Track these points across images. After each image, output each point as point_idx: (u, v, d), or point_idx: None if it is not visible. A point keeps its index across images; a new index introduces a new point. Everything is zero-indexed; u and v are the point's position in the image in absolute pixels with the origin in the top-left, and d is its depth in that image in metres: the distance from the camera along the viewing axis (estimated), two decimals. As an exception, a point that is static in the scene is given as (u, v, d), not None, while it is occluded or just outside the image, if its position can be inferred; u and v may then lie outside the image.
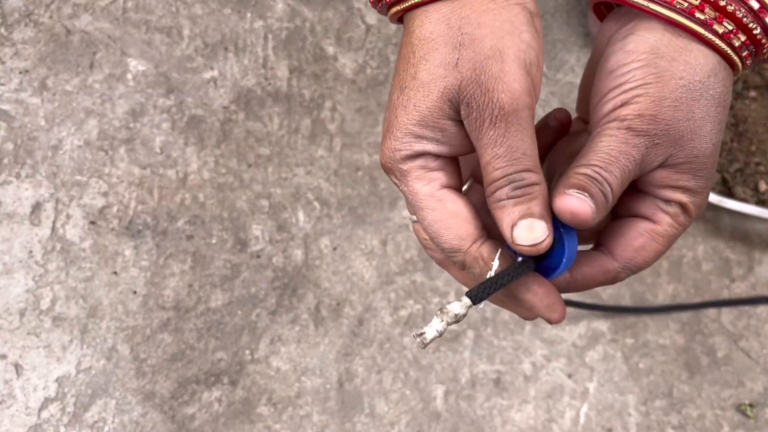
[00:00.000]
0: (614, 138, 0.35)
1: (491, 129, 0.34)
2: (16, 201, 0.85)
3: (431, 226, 0.36)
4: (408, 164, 0.36)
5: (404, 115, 0.35)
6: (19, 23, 0.91)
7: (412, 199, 0.37)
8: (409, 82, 0.35)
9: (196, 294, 0.84)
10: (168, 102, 0.90)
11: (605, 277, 0.39)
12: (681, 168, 0.36)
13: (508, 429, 0.83)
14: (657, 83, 0.35)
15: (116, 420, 0.80)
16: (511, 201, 0.35)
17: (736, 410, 0.85)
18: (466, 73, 0.34)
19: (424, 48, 0.35)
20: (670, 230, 0.38)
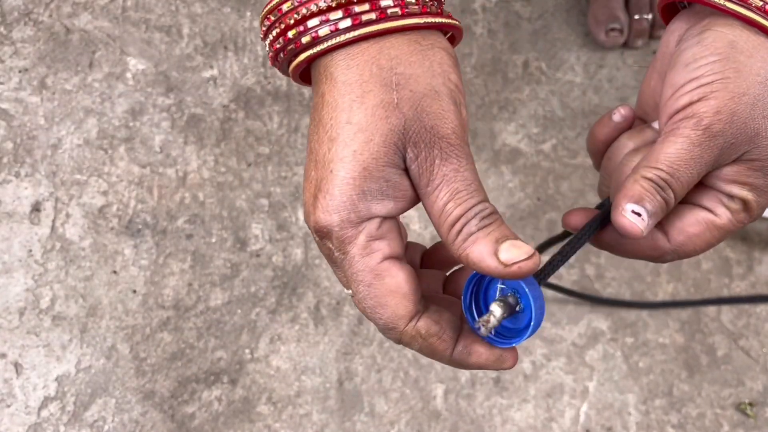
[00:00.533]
0: (688, 140, 0.35)
1: (444, 166, 0.32)
2: (15, 200, 0.85)
3: (365, 301, 0.34)
4: (350, 231, 0.33)
5: (342, 168, 0.32)
6: (19, 22, 0.91)
7: (348, 271, 0.33)
8: (342, 129, 0.32)
9: (196, 293, 0.84)
10: (167, 101, 0.90)
11: (653, 253, 0.38)
12: (753, 165, 0.36)
13: (507, 428, 0.83)
14: (736, 78, 0.35)
15: (116, 419, 0.80)
16: (483, 231, 0.32)
17: (736, 409, 0.85)
18: (408, 113, 0.32)
19: (354, 91, 0.32)
20: (728, 225, 0.37)
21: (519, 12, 0.96)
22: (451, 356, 0.35)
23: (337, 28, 0.33)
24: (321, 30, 0.33)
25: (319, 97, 0.34)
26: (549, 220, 0.88)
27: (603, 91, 0.93)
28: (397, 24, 0.33)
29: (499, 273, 0.32)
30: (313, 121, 0.34)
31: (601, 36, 0.92)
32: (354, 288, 0.34)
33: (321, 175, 0.33)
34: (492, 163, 0.90)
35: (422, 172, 0.33)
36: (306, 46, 0.34)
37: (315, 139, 0.33)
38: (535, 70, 0.94)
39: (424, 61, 0.33)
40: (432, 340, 0.34)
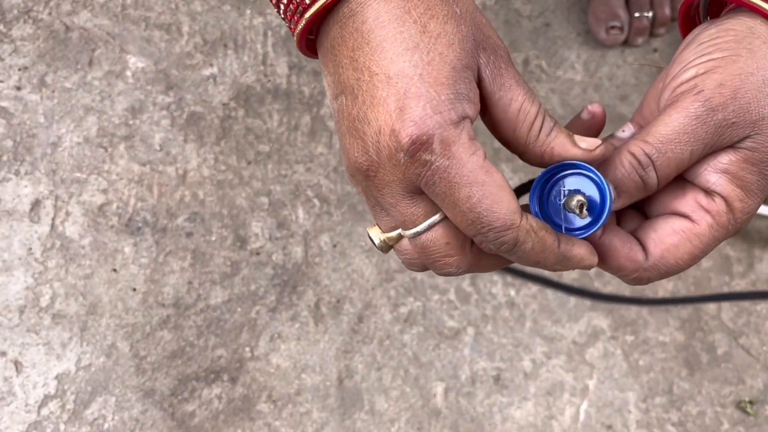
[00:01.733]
0: (684, 112, 0.33)
1: (508, 70, 0.33)
2: (15, 198, 0.85)
3: (480, 203, 0.31)
4: (453, 131, 0.31)
5: (432, 70, 0.31)
6: (18, 20, 0.91)
7: (455, 176, 0.31)
8: (419, 39, 0.31)
9: (196, 291, 0.84)
10: (167, 99, 0.90)
11: (630, 265, 0.35)
12: (751, 156, 0.33)
13: (508, 426, 0.83)
14: (748, 57, 0.32)
15: (116, 417, 0.80)
16: (557, 127, 0.34)
17: (736, 407, 0.85)
18: (470, 23, 0.32)
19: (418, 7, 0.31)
20: (708, 231, 0.34)
21: (519, 10, 0.96)
22: (558, 249, 0.34)
23: None
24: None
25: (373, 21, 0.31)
26: (549, 218, 0.88)
27: (603, 89, 0.93)
28: None
29: (586, 157, 0.33)
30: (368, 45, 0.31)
31: (602, 34, 0.92)
32: (465, 193, 0.31)
33: (405, 84, 0.31)
34: (492, 161, 0.90)
35: (495, 77, 0.33)
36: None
37: (380, 58, 0.31)
38: (536, 68, 0.94)
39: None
40: (542, 233, 0.33)
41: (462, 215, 0.32)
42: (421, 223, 0.33)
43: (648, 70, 0.94)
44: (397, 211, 0.33)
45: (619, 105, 0.92)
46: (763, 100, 0.32)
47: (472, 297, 0.86)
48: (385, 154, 0.31)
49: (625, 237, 0.35)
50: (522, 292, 0.86)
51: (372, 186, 0.33)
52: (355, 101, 0.32)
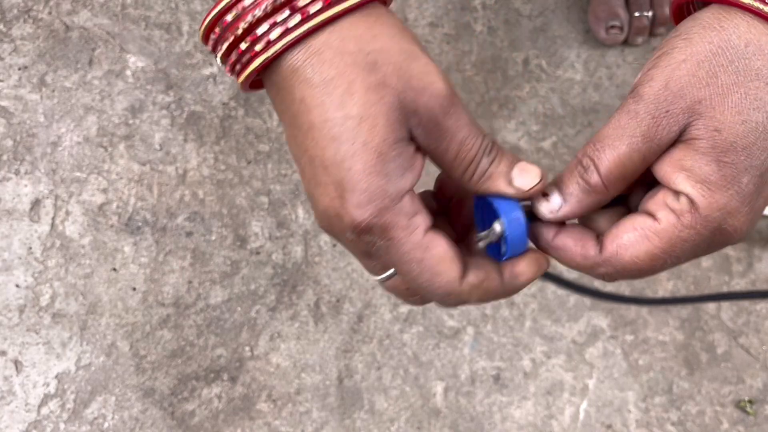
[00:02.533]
0: (619, 111, 0.33)
1: (446, 120, 0.33)
2: (15, 197, 0.85)
3: (420, 277, 0.34)
4: (389, 217, 0.32)
5: (359, 161, 0.32)
6: (18, 19, 0.91)
7: (395, 255, 0.33)
8: (342, 126, 0.32)
9: (196, 290, 0.84)
10: (167, 98, 0.90)
11: (583, 261, 0.35)
12: (699, 146, 0.31)
13: (507, 425, 0.83)
14: (684, 47, 0.32)
15: (116, 416, 0.80)
16: (494, 165, 0.34)
17: (736, 407, 0.85)
18: (398, 85, 0.32)
19: (339, 86, 0.32)
20: (671, 230, 0.32)
21: (519, 9, 0.96)
22: (504, 288, 0.36)
23: (287, 27, 0.32)
24: (272, 33, 0.32)
25: (298, 103, 0.33)
26: (549, 218, 0.88)
27: (603, 88, 0.93)
28: (346, 5, 0.32)
29: (519, 196, 0.34)
30: (300, 128, 0.33)
31: (602, 33, 0.92)
32: (405, 269, 0.34)
33: (339, 176, 0.32)
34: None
35: (429, 134, 0.33)
36: (260, 52, 0.32)
37: (312, 145, 0.33)
38: (535, 68, 0.94)
39: (384, 30, 0.33)
40: (485, 284, 0.35)
41: (408, 282, 0.35)
42: (380, 275, 0.36)
43: (648, 70, 0.94)
44: (362, 263, 0.36)
45: (619, 104, 0.92)
46: (697, 84, 0.31)
47: (471, 296, 0.86)
48: (335, 230, 0.34)
49: (580, 234, 0.35)
50: (521, 292, 0.86)
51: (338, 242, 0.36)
52: (304, 174, 0.34)
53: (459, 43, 0.93)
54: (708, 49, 0.31)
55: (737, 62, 0.31)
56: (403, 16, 0.94)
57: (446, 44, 0.93)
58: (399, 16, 0.94)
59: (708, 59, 0.31)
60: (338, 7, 0.32)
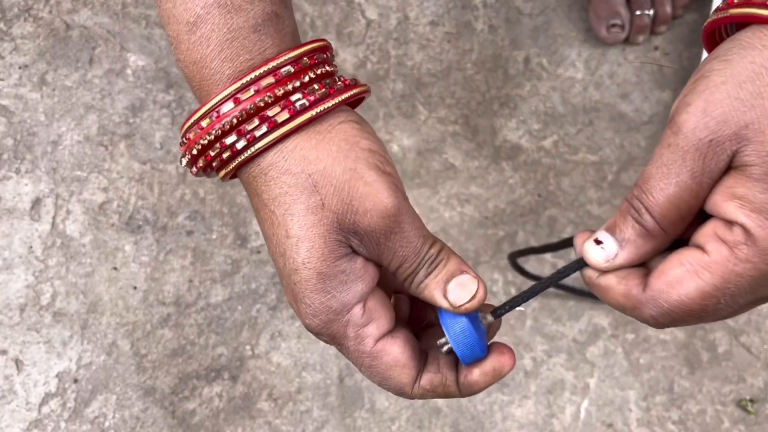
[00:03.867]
0: (659, 146, 0.30)
1: (389, 240, 0.34)
2: (16, 196, 0.85)
3: (372, 377, 0.36)
4: (336, 328, 0.35)
5: (300, 278, 0.34)
6: (19, 18, 0.91)
7: (349, 357, 0.36)
8: (285, 245, 0.34)
9: (197, 289, 0.84)
10: (168, 97, 0.90)
11: (626, 301, 0.32)
12: (753, 173, 0.28)
13: (508, 424, 0.83)
14: (723, 69, 0.29)
15: (117, 415, 0.80)
16: (430, 277, 0.35)
17: (737, 406, 0.85)
18: (337, 208, 0.33)
19: (281, 205, 0.33)
20: (723, 265, 0.29)
21: (520, 8, 0.96)
22: (460, 393, 0.37)
23: (235, 149, 0.33)
24: (224, 154, 0.34)
25: (256, 211, 0.35)
26: (549, 217, 0.88)
27: (604, 87, 0.93)
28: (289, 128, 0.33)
29: (451, 311, 0.35)
30: (263, 232, 0.35)
31: (603, 32, 0.92)
32: (359, 368, 0.36)
33: (288, 284, 0.34)
34: (493, 160, 0.90)
35: (371, 251, 0.34)
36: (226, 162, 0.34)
37: (271, 251, 0.35)
38: (536, 66, 0.93)
39: (330, 148, 0.33)
40: (439, 389, 0.36)
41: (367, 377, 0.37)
42: None
43: (649, 69, 0.94)
44: None
45: (620, 103, 0.92)
46: (741, 107, 0.28)
47: (472, 295, 0.86)
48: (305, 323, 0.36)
49: (626, 271, 0.32)
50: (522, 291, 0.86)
51: None
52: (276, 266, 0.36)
53: (460, 41, 0.93)
54: (750, 69, 0.28)
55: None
56: (403, 15, 0.94)
57: (447, 43, 0.93)
58: (399, 14, 0.94)
59: (751, 80, 0.28)
60: (281, 130, 0.33)
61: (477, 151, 0.90)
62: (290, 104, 0.33)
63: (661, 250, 0.32)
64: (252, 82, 0.33)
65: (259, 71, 0.33)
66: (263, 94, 0.33)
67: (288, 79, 0.33)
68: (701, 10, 0.94)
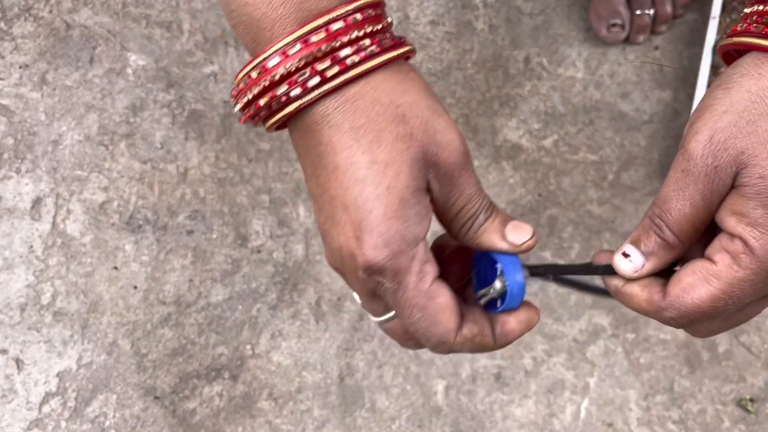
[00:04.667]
0: (673, 170, 0.35)
1: (460, 176, 0.36)
2: (16, 196, 0.85)
3: (419, 323, 0.36)
4: (404, 261, 0.34)
5: (381, 204, 0.33)
6: (19, 18, 0.91)
7: (400, 299, 0.35)
8: (368, 170, 0.34)
9: (197, 289, 0.84)
10: (168, 97, 0.90)
11: (648, 306, 0.37)
12: (747, 192, 0.33)
13: (508, 424, 0.83)
14: (723, 98, 0.34)
15: (117, 415, 0.80)
16: (488, 221, 0.37)
17: (737, 405, 0.85)
18: (423, 139, 0.34)
19: (369, 133, 0.34)
20: (728, 272, 0.34)
21: (520, 7, 0.96)
22: (494, 344, 0.38)
23: (326, 76, 0.34)
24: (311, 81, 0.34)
25: (325, 145, 0.34)
26: (550, 216, 0.88)
27: (604, 86, 0.93)
28: (382, 59, 0.35)
29: (511, 251, 0.37)
30: (324, 168, 0.35)
31: (603, 31, 0.92)
32: (407, 313, 0.36)
33: (358, 216, 0.34)
34: (493, 159, 0.90)
35: (443, 187, 0.36)
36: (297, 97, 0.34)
37: (335, 185, 0.34)
38: (537, 66, 0.93)
39: (413, 86, 0.35)
40: (477, 339, 0.37)
41: (406, 326, 0.37)
42: (381, 316, 0.38)
43: (649, 68, 0.94)
44: (364, 304, 0.38)
45: (620, 102, 0.92)
46: (739, 135, 0.33)
47: (472, 295, 0.86)
48: (347, 267, 0.36)
49: (647, 280, 0.37)
50: (523, 290, 0.86)
51: (345, 280, 0.37)
52: (321, 212, 0.36)
53: (460, 41, 0.93)
54: (747, 98, 0.33)
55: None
56: (404, 14, 0.94)
57: (447, 42, 0.93)
58: (400, 14, 0.94)
59: (747, 109, 0.33)
60: (374, 61, 0.34)
61: (477, 150, 0.90)
62: (361, 49, 0.34)
63: (679, 258, 0.37)
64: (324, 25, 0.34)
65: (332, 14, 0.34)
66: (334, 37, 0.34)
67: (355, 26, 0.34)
68: (701, 9, 0.94)
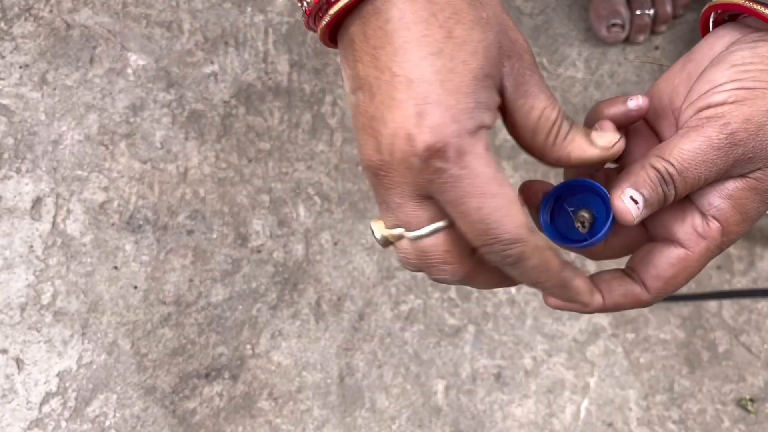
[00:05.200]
0: (707, 141, 0.34)
1: (532, 76, 0.33)
2: (16, 196, 0.85)
3: (491, 215, 0.31)
4: (469, 140, 0.31)
5: (454, 78, 0.30)
6: (19, 17, 0.91)
7: (466, 186, 0.31)
8: (444, 44, 0.30)
9: (197, 289, 0.84)
10: (168, 96, 0.90)
11: (636, 305, 0.38)
12: (757, 186, 0.34)
13: (508, 424, 0.83)
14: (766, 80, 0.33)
15: (117, 414, 0.80)
16: (573, 129, 0.34)
17: (737, 405, 0.85)
18: (496, 28, 0.32)
19: (445, 10, 0.31)
20: (704, 256, 0.36)
21: (520, 7, 0.96)
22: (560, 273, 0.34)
23: None
24: None
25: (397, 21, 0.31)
26: (550, 216, 0.88)
27: (604, 86, 0.93)
28: None
29: (603, 156, 0.35)
30: (390, 46, 0.31)
31: (603, 31, 0.92)
32: (474, 205, 0.31)
33: (425, 90, 0.30)
34: (493, 159, 0.90)
35: (517, 85, 0.33)
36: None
37: (400, 61, 0.31)
38: (537, 66, 0.94)
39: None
40: (548, 253, 0.33)
41: (470, 225, 0.31)
42: (424, 227, 0.33)
43: (649, 68, 0.94)
44: (403, 212, 0.33)
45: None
46: None
47: (472, 295, 0.86)
48: (398, 156, 0.31)
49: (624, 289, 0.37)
50: (523, 290, 0.86)
51: (381, 185, 0.33)
52: (373, 99, 0.32)
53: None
54: None
55: None
56: (404, 14, 0.94)
57: (447, 42, 0.93)
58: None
59: None
60: None
61: (477, 150, 0.90)
62: None
63: None
64: None
65: None
66: None
67: None
68: (701, 9, 0.95)
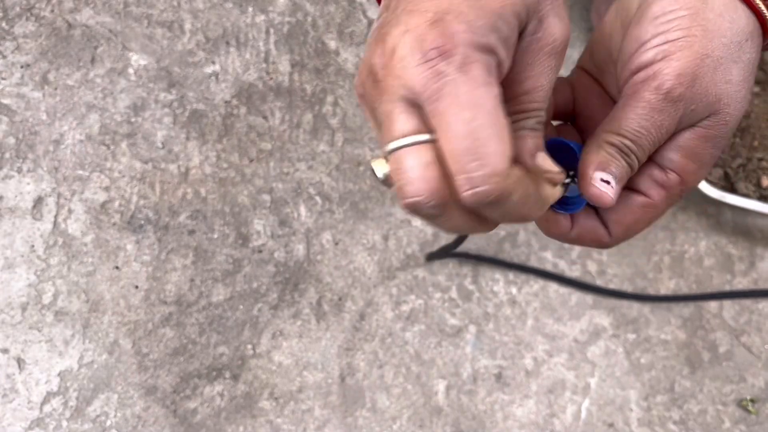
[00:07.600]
0: (648, 106, 0.34)
1: (546, 59, 0.33)
2: (17, 195, 0.85)
3: (479, 130, 0.28)
4: (476, 54, 0.29)
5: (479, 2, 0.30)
6: (21, 17, 0.91)
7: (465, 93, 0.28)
8: None
9: (198, 289, 0.84)
10: (169, 96, 0.90)
11: (596, 244, 0.39)
12: (707, 134, 0.35)
13: (509, 424, 0.83)
14: (702, 37, 0.33)
15: (118, 414, 0.80)
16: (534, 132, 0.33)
17: (738, 405, 0.85)
18: None
19: None
20: (663, 204, 0.37)
21: (521, 8, 0.96)
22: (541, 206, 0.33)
23: None
24: None
25: None
26: (551, 217, 0.88)
27: (605, 87, 0.93)
28: None
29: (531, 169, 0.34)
30: None
31: (604, 32, 0.92)
32: (466, 116, 0.28)
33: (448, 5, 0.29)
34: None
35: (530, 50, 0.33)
36: None
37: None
38: (538, 66, 0.94)
39: None
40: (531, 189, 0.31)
41: (455, 140, 0.28)
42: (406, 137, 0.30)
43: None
44: (389, 120, 0.30)
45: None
46: (718, 81, 0.34)
47: (473, 295, 0.86)
48: (400, 53, 0.30)
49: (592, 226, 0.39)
50: (524, 290, 0.86)
51: (375, 92, 0.31)
52: (395, 10, 0.31)
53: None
54: (724, 43, 0.33)
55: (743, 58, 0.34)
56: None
57: (448, 42, 0.93)
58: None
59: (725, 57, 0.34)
60: None
61: (478, 150, 0.90)
62: None
63: None
64: None
65: None
66: None
67: None
68: None
